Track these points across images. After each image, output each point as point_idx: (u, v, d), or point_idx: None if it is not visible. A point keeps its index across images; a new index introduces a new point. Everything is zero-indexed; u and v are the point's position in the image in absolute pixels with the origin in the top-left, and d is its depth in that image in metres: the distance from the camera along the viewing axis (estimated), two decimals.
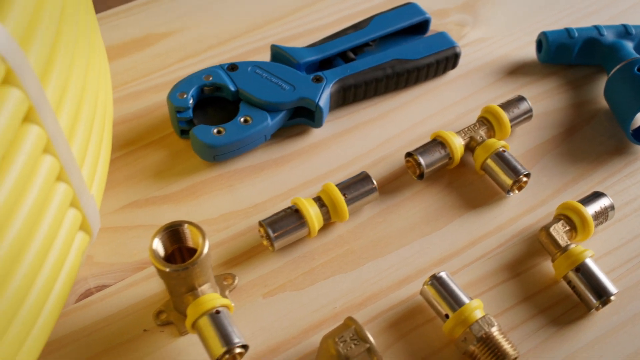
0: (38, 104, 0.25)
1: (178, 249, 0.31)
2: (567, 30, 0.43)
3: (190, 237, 0.30)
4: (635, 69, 0.40)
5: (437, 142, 0.38)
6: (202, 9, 0.48)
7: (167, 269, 0.28)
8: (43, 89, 0.25)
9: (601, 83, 0.45)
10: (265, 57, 0.45)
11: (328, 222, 0.36)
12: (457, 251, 0.36)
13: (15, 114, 0.23)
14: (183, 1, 0.49)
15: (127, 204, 0.37)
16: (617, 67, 0.41)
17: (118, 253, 0.35)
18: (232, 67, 0.40)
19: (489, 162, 0.37)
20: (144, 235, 0.36)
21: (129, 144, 0.40)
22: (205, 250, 0.29)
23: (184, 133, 0.40)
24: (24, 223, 0.24)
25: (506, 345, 0.31)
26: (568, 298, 0.34)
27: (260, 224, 0.34)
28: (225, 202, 0.37)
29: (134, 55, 0.45)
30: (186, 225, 0.30)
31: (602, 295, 0.33)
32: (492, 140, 0.38)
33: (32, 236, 0.26)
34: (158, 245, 0.29)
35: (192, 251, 0.31)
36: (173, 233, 0.30)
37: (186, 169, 0.39)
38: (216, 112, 0.40)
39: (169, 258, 0.30)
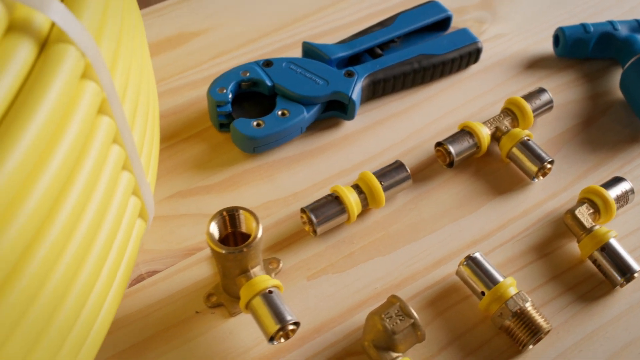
0: (109, 96, 0.27)
1: (232, 233, 0.33)
2: (583, 26, 0.46)
3: (244, 222, 0.32)
4: None
5: (465, 132, 0.40)
6: (230, 9, 0.50)
7: (224, 251, 0.30)
8: (113, 81, 0.27)
9: (615, 75, 0.47)
10: (294, 53, 0.47)
11: (365, 208, 0.38)
12: (487, 234, 0.38)
13: (92, 107, 0.25)
14: (211, 1, 0.51)
15: (172, 194, 0.39)
16: (632, 60, 0.43)
17: (166, 240, 0.37)
18: (267, 63, 0.42)
19: (515, 150, 0.39)
20: (189, 224, 0.38)
21: (169, 138, 0.42)
22: (260, 234, 0.31)
23: (222, 126, 0.41)
24: (96, 211, 0.26)
25: (540, 320, 0.33)
26: (593, 276, 0.36)
27: (303, 210, 0.36)
28: (266, 191, 0.39)
29: (168, 53, 0.47)
30: (241, 211, 0.31)
31: (626, 272, 0.35)
32: (517, 129, 0.40)
33: (101, 223, 0.27)
34: (214, 229, 0.31)
35: (244, 236, 0.32)
36: (229, 218, 0.32)
37: (226, 160, 0.41)
38: (252, 106, 0.41)
39: (222, 242, 0.32)
